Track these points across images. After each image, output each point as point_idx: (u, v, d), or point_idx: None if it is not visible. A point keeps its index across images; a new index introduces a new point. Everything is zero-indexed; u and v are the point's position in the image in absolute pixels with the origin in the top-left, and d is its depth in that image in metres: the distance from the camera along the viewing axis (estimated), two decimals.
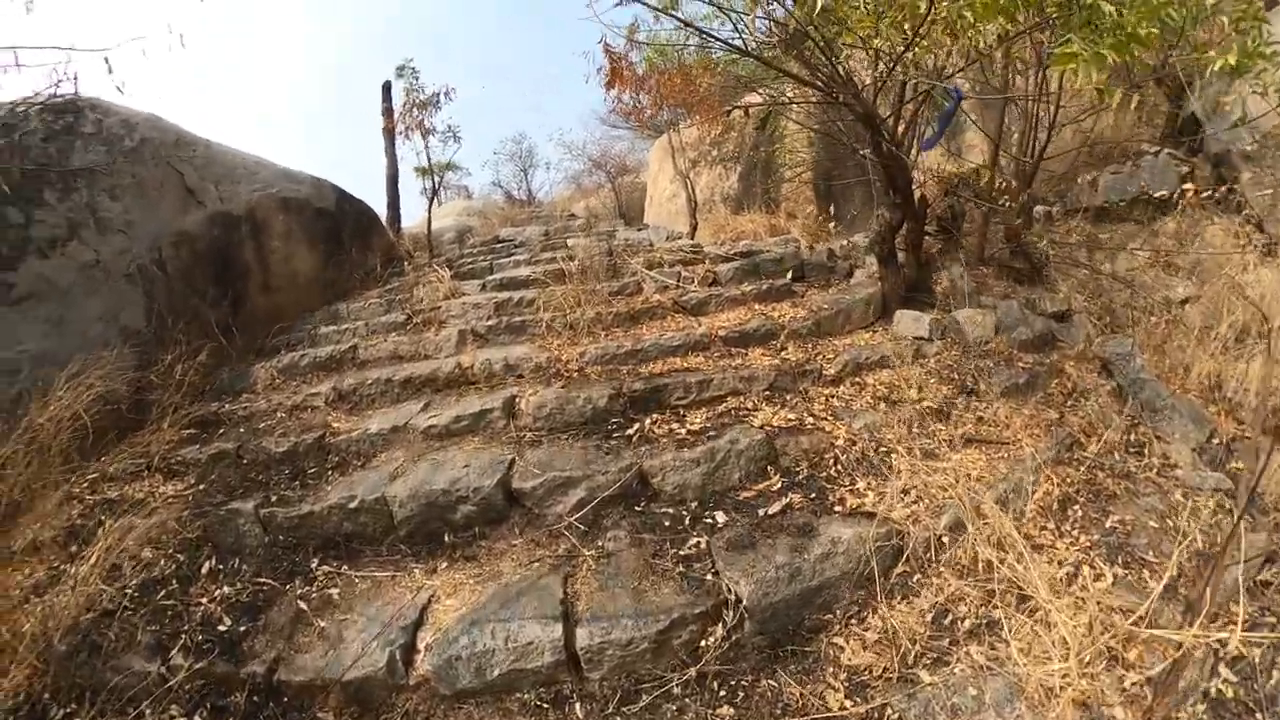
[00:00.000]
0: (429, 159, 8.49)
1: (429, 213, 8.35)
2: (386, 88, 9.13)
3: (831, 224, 8.12)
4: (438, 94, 8.73)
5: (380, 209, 8.86)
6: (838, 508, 3.08)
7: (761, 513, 3.06)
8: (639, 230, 9.22)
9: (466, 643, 2.46)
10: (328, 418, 4.14)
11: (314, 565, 3.09)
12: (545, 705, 2.40)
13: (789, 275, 5.87)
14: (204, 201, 5.75)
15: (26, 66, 3.99)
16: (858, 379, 4.24)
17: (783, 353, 4.52)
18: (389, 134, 9.09)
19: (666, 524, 3.03)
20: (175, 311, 5.23)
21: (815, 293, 5.62)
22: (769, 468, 3.38)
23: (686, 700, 2.39)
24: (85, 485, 4.19)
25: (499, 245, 8.42)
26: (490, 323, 4.96)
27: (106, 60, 3.88)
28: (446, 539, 3.05)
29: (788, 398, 4.00)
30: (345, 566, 3.04)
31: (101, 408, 4.39)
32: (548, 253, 7.17)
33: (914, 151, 5.84)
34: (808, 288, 5.77)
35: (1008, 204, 5.46)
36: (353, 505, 3.15)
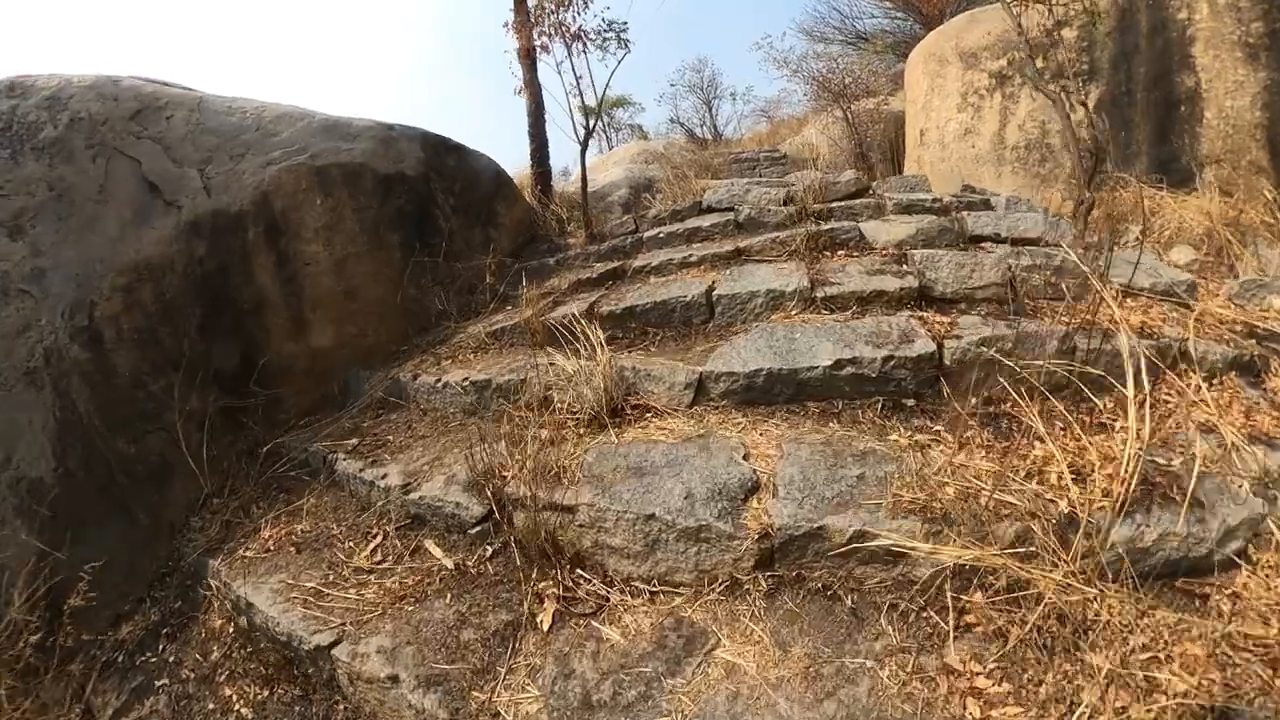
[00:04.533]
0: (580, 75, 5.40)
1: (582, 165, 5.29)
2: None
3: None
4: None
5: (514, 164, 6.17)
6: None
7: None
8: (992, 210, 4.26)
9: None
10: None
11: None
12: None
13: None
14: (176, 200, 3.32)
15: None
16: None
17: None
18: (526, 57, 6.20)
19: None
20: (117, 424, 2.90)
21: None
22: None
23: None
24: None
25: (707, 222, 4.36)
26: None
27: None
28: None
29: None
30: None
31: None
32: (837, 257, 3.35)
33: None
34: None
35: None
36: None
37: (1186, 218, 3.90)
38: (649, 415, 2.41)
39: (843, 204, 4.20)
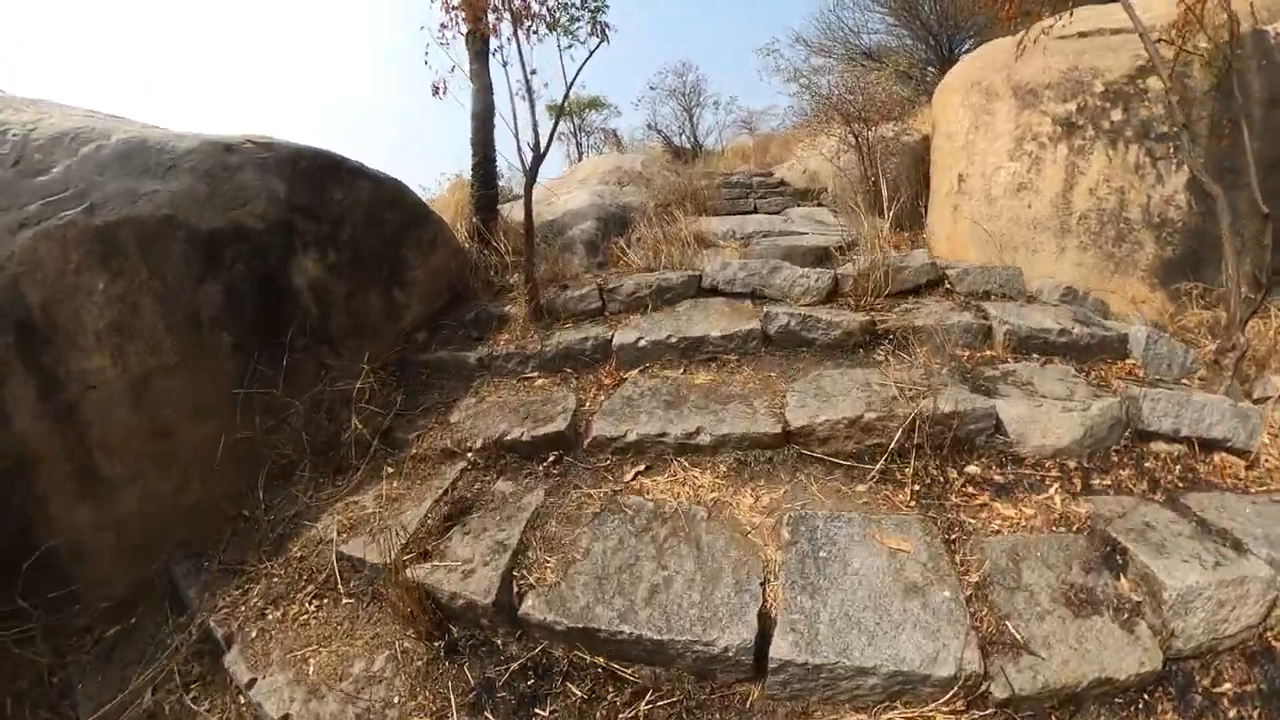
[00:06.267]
0: (534, 69, 4.12)
1: (527, 206, 3.95)
2: None
3: None
4: None
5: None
6: None
7: None
8: (1131, 356, 2.95)
9: None
10: None
11: None
12: None
13: None
14: None
15: None
16: None
17: None
18: (478, 40, 4.82)
19: None
20: None
21: None
22: None
23: None
24: None
25: (716, 328, 3.11)
26: None
27: None
28: None
29: None
30: None
31: None
32: (979, 498, 2.07)
33: None
34: None
35: None
36: None
37: None
38: None
39: (926, 316, 3.03)
